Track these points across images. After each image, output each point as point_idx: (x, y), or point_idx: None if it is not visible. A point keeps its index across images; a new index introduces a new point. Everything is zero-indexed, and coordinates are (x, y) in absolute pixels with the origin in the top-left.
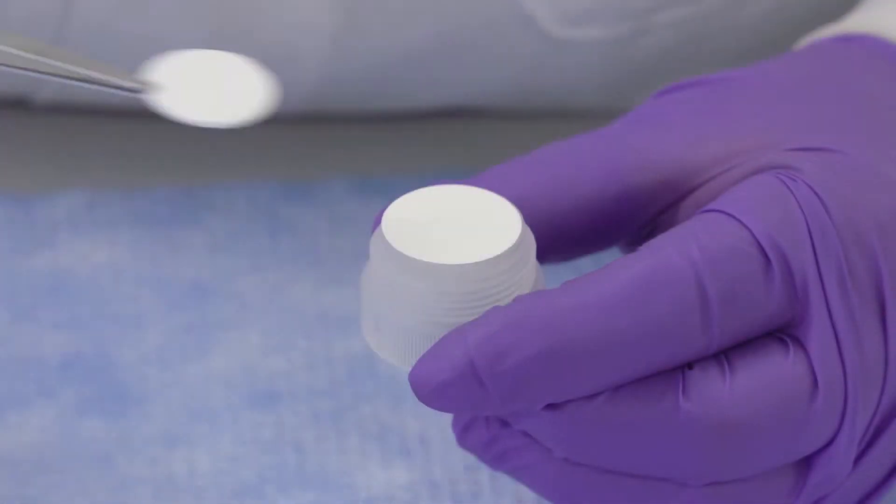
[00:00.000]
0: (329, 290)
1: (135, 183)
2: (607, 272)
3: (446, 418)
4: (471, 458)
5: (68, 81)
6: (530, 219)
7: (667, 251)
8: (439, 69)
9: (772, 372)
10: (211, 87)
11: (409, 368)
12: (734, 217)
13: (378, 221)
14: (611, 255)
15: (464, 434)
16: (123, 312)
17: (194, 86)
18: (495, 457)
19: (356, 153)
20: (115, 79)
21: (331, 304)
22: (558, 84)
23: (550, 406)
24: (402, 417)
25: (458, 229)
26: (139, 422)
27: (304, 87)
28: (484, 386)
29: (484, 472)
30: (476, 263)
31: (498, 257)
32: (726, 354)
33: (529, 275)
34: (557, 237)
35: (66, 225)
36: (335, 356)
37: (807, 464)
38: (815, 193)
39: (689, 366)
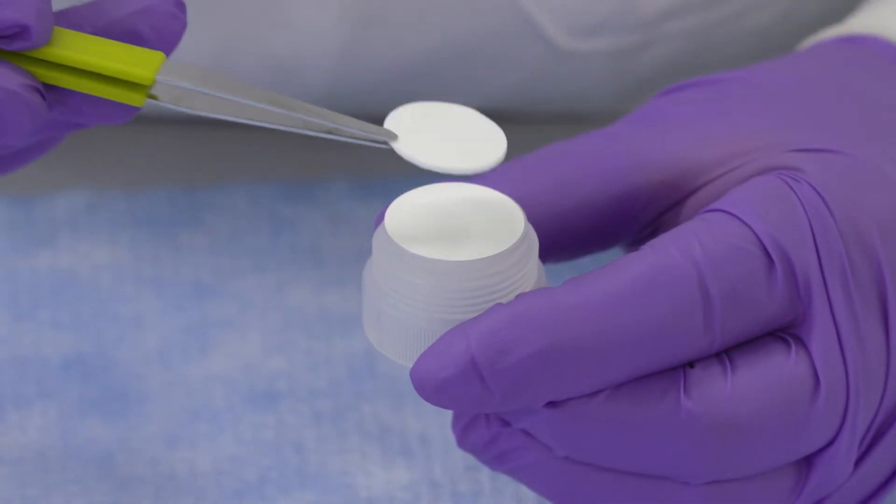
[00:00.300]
0: (330, 290)
1: (136, 183)
2: (609, 271)
3: (447, 418)
4: (471, 459)
5: (313, 133)
6: (532, 218)
7: (669, 250)
8: (446, 78)
9: (773, 371)
10: (450, 136)
11: (411, 365)
12: (737, 217)
13: (381, 218)
14: (612, 255)
15: (464, 434)
16: (124, 312)
17: (435, 135)
18: (495, 457)
19: (357, 154)
20: (358, 130)
21: (331, 304)
22: (565, 93)
23: (551, 404)
24: (403, 417)
25: (461, 226)
26: (140, 422)
27: (311, 97)
28: (485, 383)
29: (484, 472)
30: (479, 260)
31: (501, 254)
32: (728, 353)
33: (532, 273)
34: (559, 236)
35: (67, 225)
36: (336, 356)
37: (807, 464)
38: (818, 194)
39: (691, 364)
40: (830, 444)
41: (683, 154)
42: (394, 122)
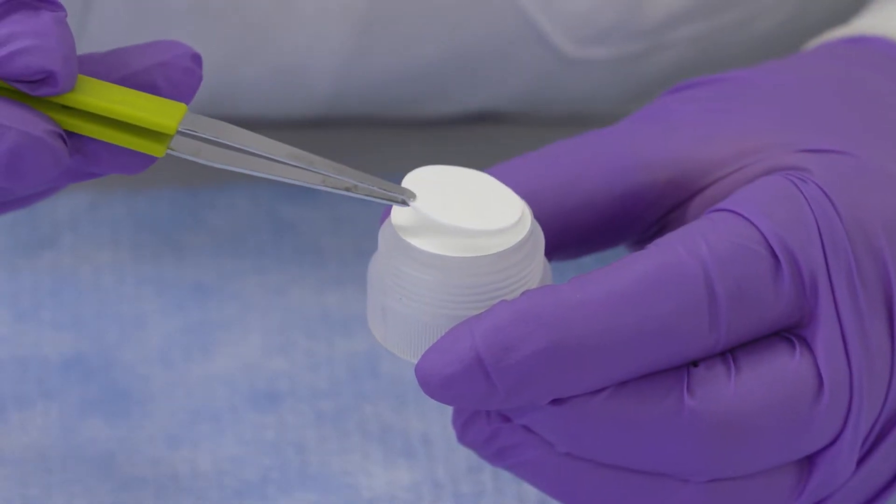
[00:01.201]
0: (331, 290)
1: (137, 184)
2: (616, 269)
3: (449, 418)
4: (474, 459)
5: (331, 190)
6: (537, 215)
7: (675, 249)
8: (450, 82)
9: (777, 371)
10: (467, 197)
11: (415, 361)
12: (743, 216)
13: (388, 213)
14: (617, 254)
15: (464, 430)
16: (125, 313)
17: (453, 196)
18: (496, 452)
19: (360, 154)
20: (377, 188)
21: (333, 305)
22: (569, 98)
23: (554, 400)
24: (405, 417)
25: (468, 221)
26: (141, 422)
27: (315, 102)
28: (490, 380)
29: (487, 473)
30: (484, 256)
31: (507, 251)
32: (732, 353)
33: (537, 270)
34: (564, 234)
35: (68, 226)
36: (337, 356)
37: (809, 463)
38: (825, 194)
39: (695, 363)
40: (833, 443)
41: (689, 153)
42: (411, 181)
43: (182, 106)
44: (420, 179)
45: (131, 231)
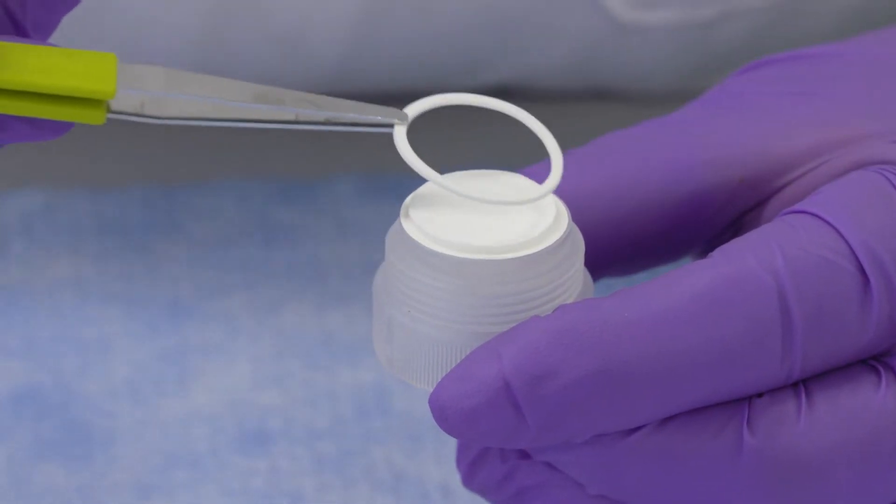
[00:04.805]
0: (333, 309)
1: (103, 181)
2: (671, 280)
3: None
4: None
5: (305, 128)
6: (584, 223)
7: (744, 260)
8: (483, 49)
9: (858, 405)
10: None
11: (428, 388)
12: (826, 221)
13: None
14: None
15: (472, 470)
16: (88, 337)
17: (468, 201)
18: (512, 497)
19: (367, 146)
20: (362, 116)
21: (335, 327)
22: (622, 72)
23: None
24: (421, 463)
25: (493, 221)
26: (106, 468)
27: (320, 73)
28: (520, 413)
29: None
30: (512, 260)
31: (540, 253)
32: (805, 381)
33: (575, 280)
34: (616, 246)
35: (19, 231)
36: (340, 389)
37: None
38: None
39: (759, 394)
40: None
41: (767, 144)
42: (421, 195)
43: (110, 57)
44: (430, 192)
45: (95, 238)
